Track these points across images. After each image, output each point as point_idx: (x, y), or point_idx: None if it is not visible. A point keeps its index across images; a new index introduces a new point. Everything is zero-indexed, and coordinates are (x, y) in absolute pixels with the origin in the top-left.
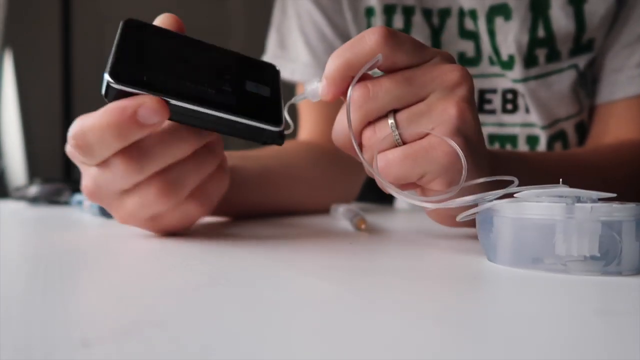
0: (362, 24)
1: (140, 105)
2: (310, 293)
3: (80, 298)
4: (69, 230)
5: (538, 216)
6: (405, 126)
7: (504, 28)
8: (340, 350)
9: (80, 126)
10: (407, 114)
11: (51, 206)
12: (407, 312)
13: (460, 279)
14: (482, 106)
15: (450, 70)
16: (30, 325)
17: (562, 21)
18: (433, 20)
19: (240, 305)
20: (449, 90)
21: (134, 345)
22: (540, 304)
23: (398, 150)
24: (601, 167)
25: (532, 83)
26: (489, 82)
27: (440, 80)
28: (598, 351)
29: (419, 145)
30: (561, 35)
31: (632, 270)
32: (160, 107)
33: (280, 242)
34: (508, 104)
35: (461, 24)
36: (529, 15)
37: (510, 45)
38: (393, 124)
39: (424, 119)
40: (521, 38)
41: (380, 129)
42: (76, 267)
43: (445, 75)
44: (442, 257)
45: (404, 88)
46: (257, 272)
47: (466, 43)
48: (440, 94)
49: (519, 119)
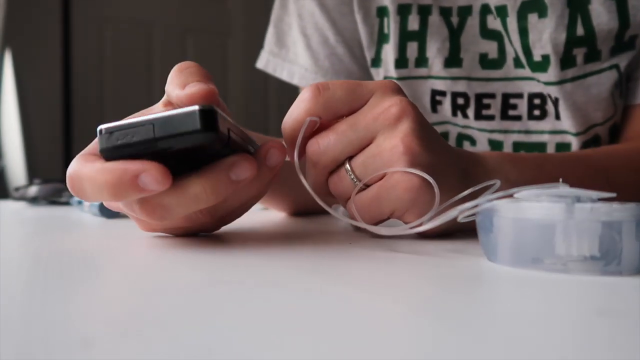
0: (374, 25)
1: (144, 171)
2: (310, 293)
3: (80, 298)
4: (69, 230)
5: (538, 216)
6: (362, 171)
7: (538, 26)
8: (340, 350)
9: (77, 172)
10: (362, 158)
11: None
12: (407, 312)
13: (460, 279)
14: (506, 112)
15: (390, 106)
16: (30, 325)
17: (603, 17)
18: (452, 20)
19: (240, 305)
20: (393, 127)
21: (134, 345)
22: (540, 304)
23: (363, 195)
24: (610, 171)
25: (568, 86)
26: (513, 86)
27: (383, 119)
28: (598, 351)
29: (380, 186)
30: (602, 33)
31: (632, 270)
32: (164, 177)
33: (280, 242)
34: (535, 109)
35: (483, 23)
36: (566, 11)
37: (545, 45)
38: (349, 170)
39: (377, 160)
40: (557, 36)
41: (341, 178)
42: (76, 267)
43: (385, 113)
44: (442, 257)
45: (350, 135)
46: (257, 271)
47: (489, 43)
48: (385, 133)
49: (548, 126)
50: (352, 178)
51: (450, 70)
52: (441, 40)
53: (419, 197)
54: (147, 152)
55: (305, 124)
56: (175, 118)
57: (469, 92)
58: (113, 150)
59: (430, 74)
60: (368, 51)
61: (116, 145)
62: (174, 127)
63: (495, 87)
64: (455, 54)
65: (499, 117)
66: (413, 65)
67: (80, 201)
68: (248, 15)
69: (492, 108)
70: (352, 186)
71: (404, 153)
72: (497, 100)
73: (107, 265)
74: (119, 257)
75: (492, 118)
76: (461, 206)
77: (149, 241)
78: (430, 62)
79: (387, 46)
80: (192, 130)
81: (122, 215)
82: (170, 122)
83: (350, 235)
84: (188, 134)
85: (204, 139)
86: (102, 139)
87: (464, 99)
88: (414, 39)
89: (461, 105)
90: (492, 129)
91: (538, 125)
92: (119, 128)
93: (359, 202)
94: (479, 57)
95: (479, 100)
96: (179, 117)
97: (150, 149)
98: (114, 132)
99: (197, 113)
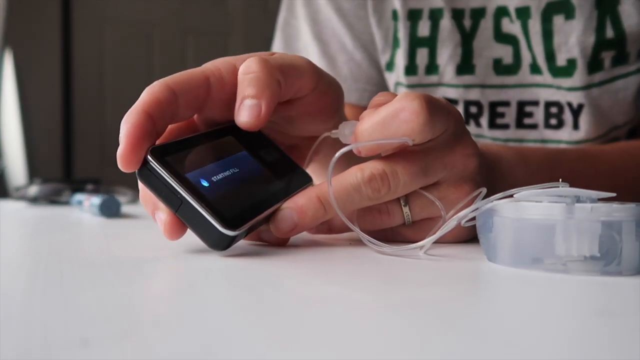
0: (389, 28)
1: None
2: (310, 293)
3: (80, 298)
4: (69, 230)
5: (538, 216)
6: (417, 213)
7: (564, 28)
8: (340, 350)
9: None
10: (420, 202)
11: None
12: (407, 312)
13: (460, 279)
14: (521, 120)
15: (467, 156)
16: (30, 325)
17: (634, 18)
18: (464, 23)
19: (240, 305)
20: (460, 178)
21: (134, 345)
22: (540, 304)
23: (411, 232)
24: (625, 171)
25: (594, 91)
26: (529, 93)
27: (455, 169)
28: (598, 351)
29: (430, 226)
30: (633, 35)
31: (632, 270)
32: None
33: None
34: (552, 118)
35: (497, 26)
36: (595, 12)
37: (572, 48)
38: (405, 210)
39: (434, 206)
40: (586, 39)
41: (393, 211)
42: (76, 267)
43: (460, 162)
44: (442, 257)
45: (421, 180)
46: (257, 271)
47: (503, 48)
48: (452, 181)
49: (565, 136)
50: (407, 216)
51: (463, 77)
52: (453, 46)
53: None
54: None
55: (401, 141)
56: (200, 217)
57: (483, 101)
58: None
59: (442, 81)
60: (383, 55)
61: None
62: (195, 222)
63: (510, 95)
64: (468, 60)
65: (514, 126)
66: (423, 73)
67: (80, 201)
68: (248, 15)
69: (506, 117)
70: (397, 222)
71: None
72: (511, 108)
73: (107, 265)
74: (119, 257)
75: (507, 127)
76: (459, 214)
77: (149, 241)
78: (442, 69)
79: (399, 51)
80: (209, 236)
81: (122, 215)
82: (194, 215)
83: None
84: (205, 235)
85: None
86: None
87: (477, 108)
88: (424, 45)
89: (474, 114)
90: (507, 138)
91: (555, 135)
92: (157, 175)
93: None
94: (493, 62)
95: (492, 109)
96: (205, 222)
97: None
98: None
99: (222, 233)
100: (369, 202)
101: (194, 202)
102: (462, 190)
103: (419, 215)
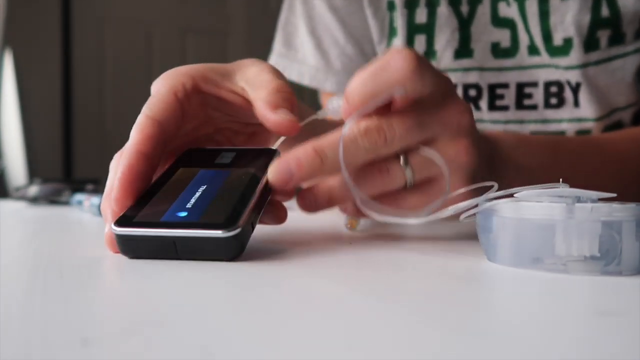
0: (384, 18)
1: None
2: (310, 293)
3: (80, 298)
4: (69, 230)
5: (538, 216)
6: (418, 170)
7: (560, 8)
8: (340, 350)
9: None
10: (420, 160)
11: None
12: (407, 312)
13: (460, 279)
14: (521, 102)
15: (460, 113)
16: (30, 325)
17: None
18: (461, 9)
19: (240, 305)
20: (456, 134)
21: (134, 345)
22: (540, 304)
23: (415, 197)
24: (628, 160)
25: (591, 69)
26: (528, 75)
27: (450, 125)
28: (598, 351)
29: (433, 189)
30: (628, 15)
31: (632, 270)
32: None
33: (279, 242)
34: (552, 98)
35: (494, 11)
36: None
37: (568, 27)
38: (406, 167)
39: (435, 165)
40: (582, 18)
41: (390, 171)
42: (76, 267)
43: (454, 118)
44: (441, 257)
45: (416, 134)
46: (257, 271)
47: (501, 32)
48: (448, 138)
49: (567, 114)
50: (408, 177)
51: (461, 61)
52: (450, 31)
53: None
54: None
55: (391, 93)
56: (199, 241)
57: (482, 83)
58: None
59: (439, 66)
60: (379, 45)
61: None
62: (198, 249)
63: (508, 77)
64: (466, 44)
65: (514, 107)
66: None
67: (80, 201)
68: (248, 15)
69: (506, 98)
70: (398, 183)
71: (468, 163)
72: (511, 90)
73: (107, 265)
74: (119, 257)
75: (507, 108)
76: (458, 205)
77: None
78: (439, 54)
79: (397, 40)
80: (217, 249)
81: None
82: (193, 243)
83: (351, 235)
84: (215, 252)
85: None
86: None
87: (477, 91)
88: (422, 32)
89: (473, 97)
90: (507, 119)
91: (556, 114)
92: (136, 238)
93: (410, 204)
94: (491, 46)
95: (492, 91)
96: (206, 241)
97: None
98: (130, 240)
99: (225, 237)
100: (366, 154)
101: (184, 233)
102: (461, 145)
103: (421, 174)
